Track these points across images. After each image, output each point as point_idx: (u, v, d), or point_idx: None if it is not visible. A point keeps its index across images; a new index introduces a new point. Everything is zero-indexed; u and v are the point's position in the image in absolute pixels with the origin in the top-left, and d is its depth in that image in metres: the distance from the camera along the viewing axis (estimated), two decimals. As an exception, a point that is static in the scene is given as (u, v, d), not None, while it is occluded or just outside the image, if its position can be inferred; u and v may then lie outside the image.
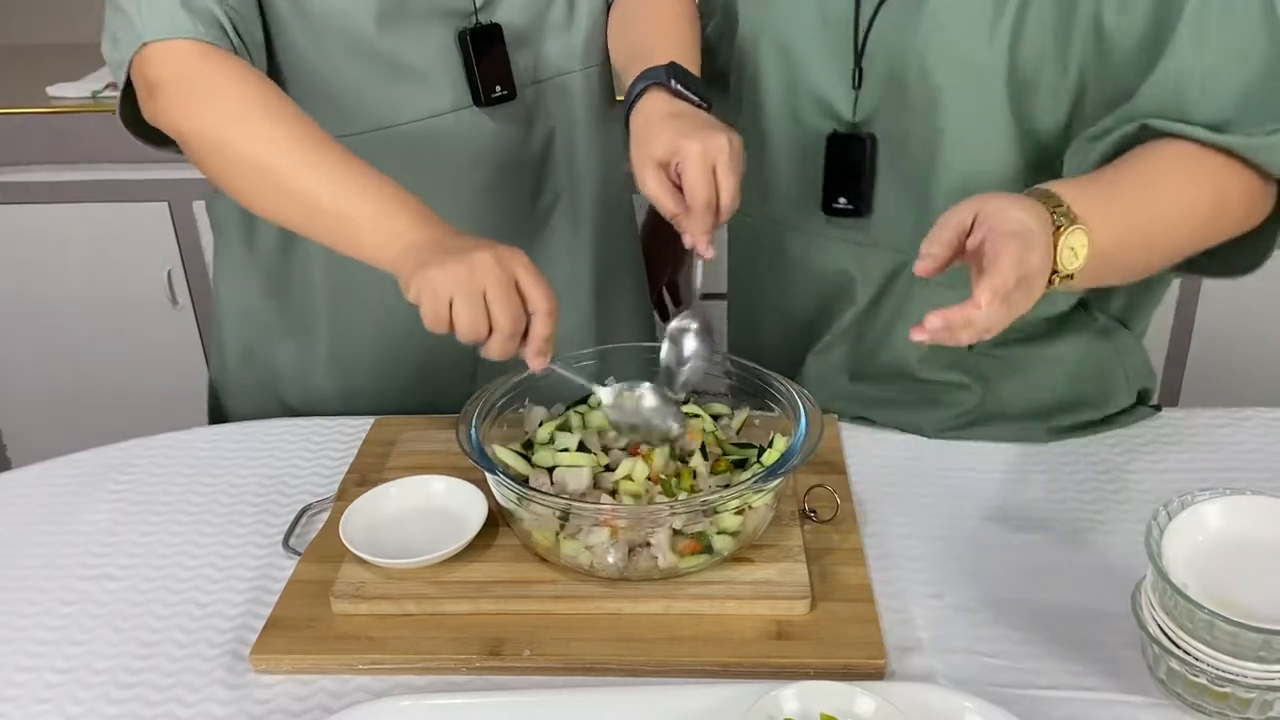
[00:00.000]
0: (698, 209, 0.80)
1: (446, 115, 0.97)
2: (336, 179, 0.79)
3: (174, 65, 0.82)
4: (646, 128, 0.83)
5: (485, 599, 0.74)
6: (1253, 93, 0.77)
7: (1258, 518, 0.67)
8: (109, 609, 0.78)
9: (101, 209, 1.89)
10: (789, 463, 0.74)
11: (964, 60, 0.84)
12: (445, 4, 0.93)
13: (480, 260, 0.72)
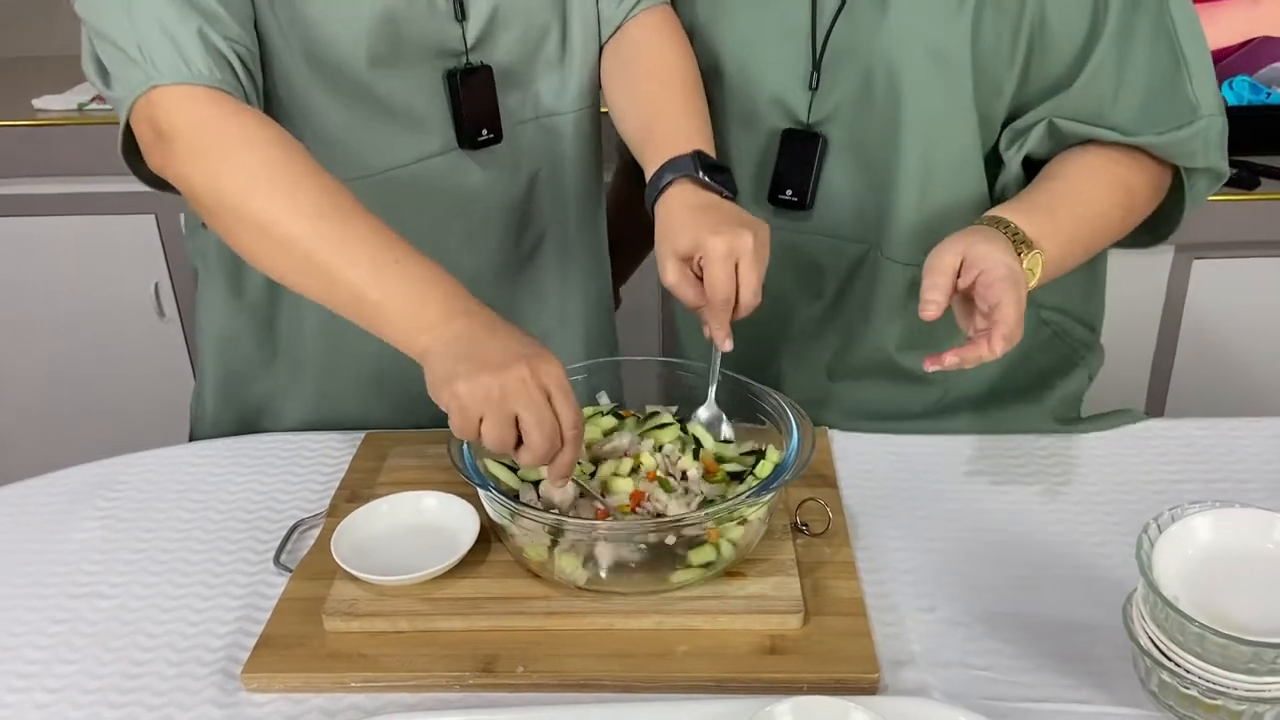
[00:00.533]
0: (717, 305, 0.81)
1: (435, 159, 0.95)
2: (364, 256, 0.74)
3: (186, 114, 0.77)
4: (671, 219, 0.84)
5: (478, 615, 0.74)
6: (1154, 101, 0.89)
7: (1247, 530, 0.67)
8: (99, 628, 0.78)
9: (88, 221, 1.89)
10: (781, 477, 0.74)
11: (932, 51, 0.90)
12: (437, 44, 0.92)
13: (513, 381, 0.70)
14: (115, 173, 1.90)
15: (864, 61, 0.92)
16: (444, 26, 0.92)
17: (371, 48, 0.88)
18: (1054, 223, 0.85)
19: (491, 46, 0.95)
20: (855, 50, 0.93)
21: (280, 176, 0.76)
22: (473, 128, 0.94)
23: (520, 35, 0.96)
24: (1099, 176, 0.90)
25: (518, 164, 1.00)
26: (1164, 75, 0.89)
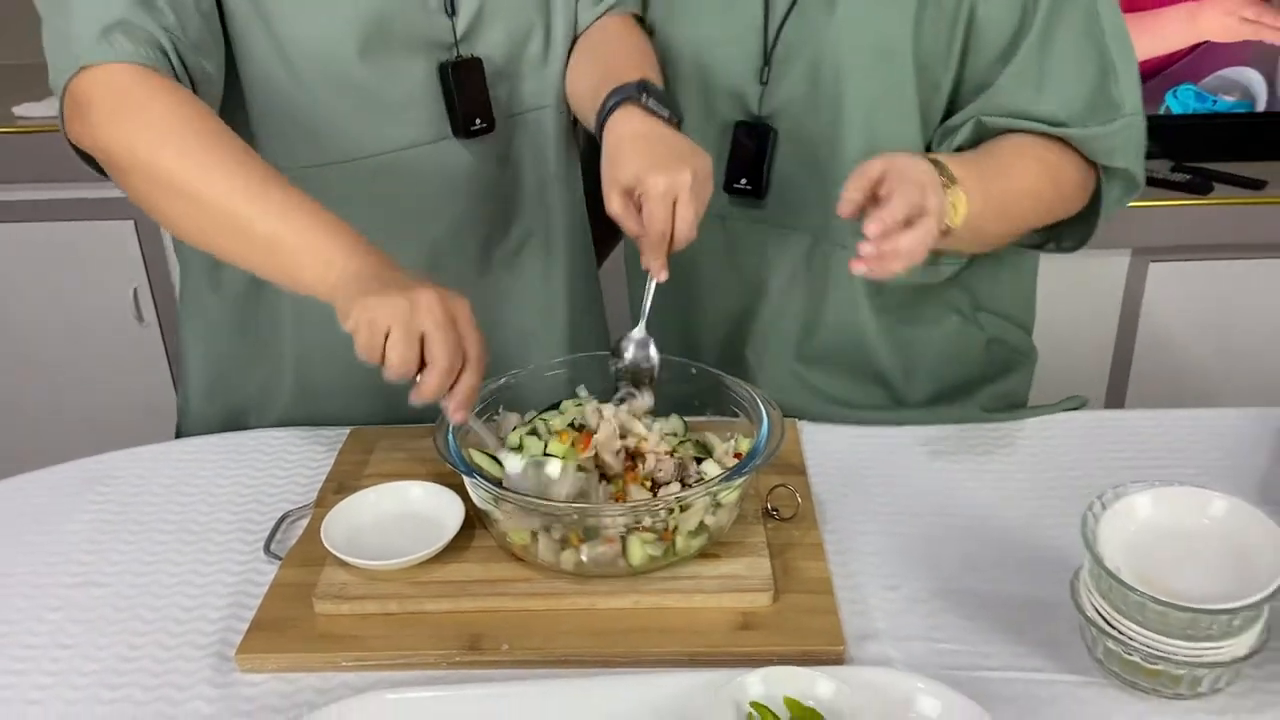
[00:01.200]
0: (654, 238, 0.85)
1: (425, 146, 0.99)
2: (269, 204, 0.78)
3: (107, 86, 0.80)
4: (618, 149, 0.88)
5: (464, 597, 0.78)
6: (1079, 99, 0.94)
7: (1185, 507, 0.72)
8: (95, 614, 0.81)
9: (67, 227, 1.91)
10: (753, 461, 0.78)
11: (877, 48, 0.96)
12: (427, 36, 0.96)
13: (424, 298, 0.73)
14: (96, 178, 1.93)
15: (812, 57, 0.98)
16: (434, 20, 0.96)
17: (362, 41, 0.92)
18: (982, 181, 0.88)
19: (479, 40, 0.99)
20: (805, 46, 0.98)
21: (191, 136, 0.79)
22: (467, 117, 0.98)
23: (506, 31, 1.00)
24: (1028, 155, 0.94)
25: (505, 154, 1.04)
26: (1089, 75, 0.94)
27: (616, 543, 0.77)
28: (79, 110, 0.81)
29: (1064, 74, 0.93)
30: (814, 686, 0.68)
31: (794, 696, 0.68)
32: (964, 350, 1.07)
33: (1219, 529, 0.71)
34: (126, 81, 0.80)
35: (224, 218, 0.78)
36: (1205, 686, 0.69)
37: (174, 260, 1.92)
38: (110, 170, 0.83)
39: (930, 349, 1.06)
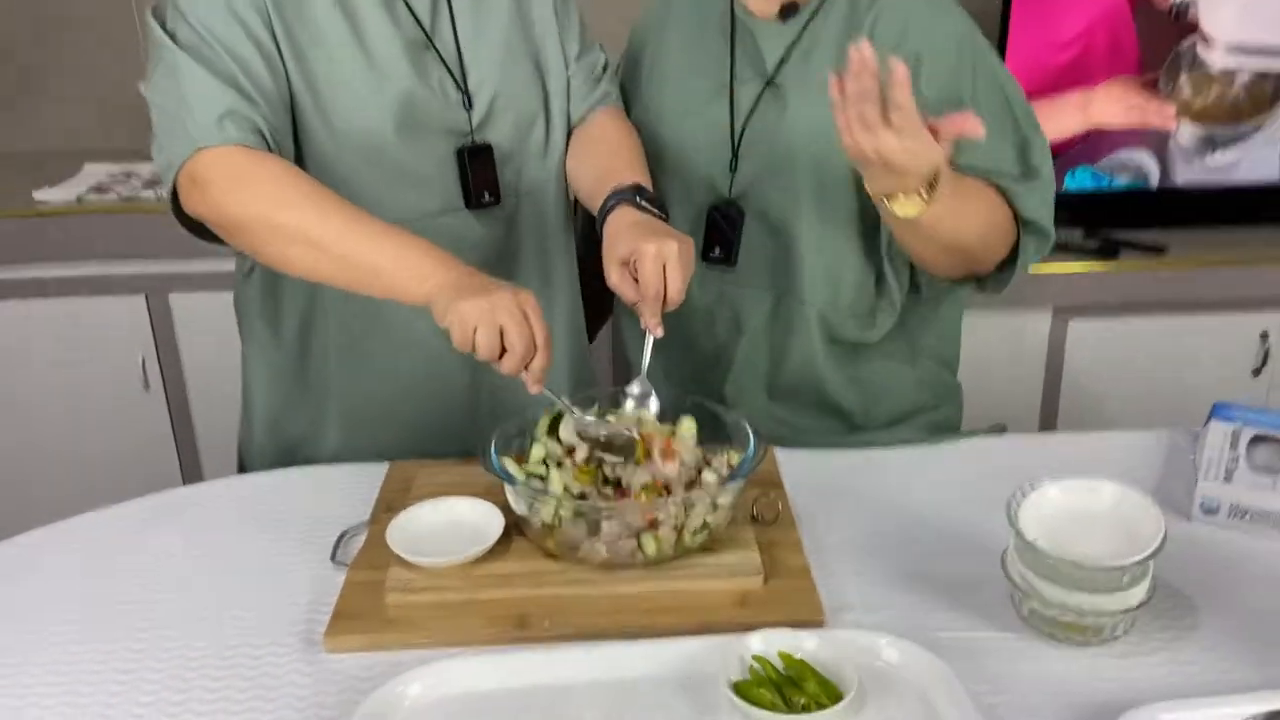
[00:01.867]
0: (649, 298, 1.04)
1: (441, 216, 1.17)
2: (369, 238, 0.99)
3: (222, 164, 1.00)
4: (616, 234, 1.08)
5: (509, 587, 0.94)
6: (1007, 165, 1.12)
7: (1085, 494, 0.91)
8: (192, 617, 0.95)
9: (82, 302, 2.04)
10: (746, 467, 0.96)
11: (823, 136, 1.13)
12: (449, 124, 1.16)
13: (499, 298, 0.93)
14: (111, 256, 2.09)
15: (770, 149, 1.20)
16: (455, 112, 1.16)
17: (396, 125, 1.12)
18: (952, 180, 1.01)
19: (491, 129, 1.18)
20: (763, 141, 1.20)
21: (298, 194, 1.00)
22: (478, 192, 1.17)
23: (514, 122, 1.20)
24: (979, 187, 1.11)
25: (511, 224, 1.22)
26: (1010, 145, 1.14)
27: (634, 539, 0.94)
28: (197, 186, 1.00)
29: (989, 144, 1.10)
30: (802, 643, 0.85)
31: (786, 651, 0.85)
32: (904, 386, 1.27)
33: (1111, 510, 0.90)
34: (238, 159, 1.00)
35: (335, 254, 0.98)
36: (1107, 634, 0.87)
37: (181, 332, 2.09)
38: (226, 232, 1.02)
39: (877, 386, 1.26)
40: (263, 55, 1.05)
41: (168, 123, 1.03)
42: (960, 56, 1.15)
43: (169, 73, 1.03)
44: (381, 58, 1.11)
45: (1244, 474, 1.05)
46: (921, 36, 1.15)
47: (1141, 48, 2.05)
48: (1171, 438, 1.21)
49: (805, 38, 1.19)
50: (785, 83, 1.19)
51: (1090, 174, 2.13)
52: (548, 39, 1.22)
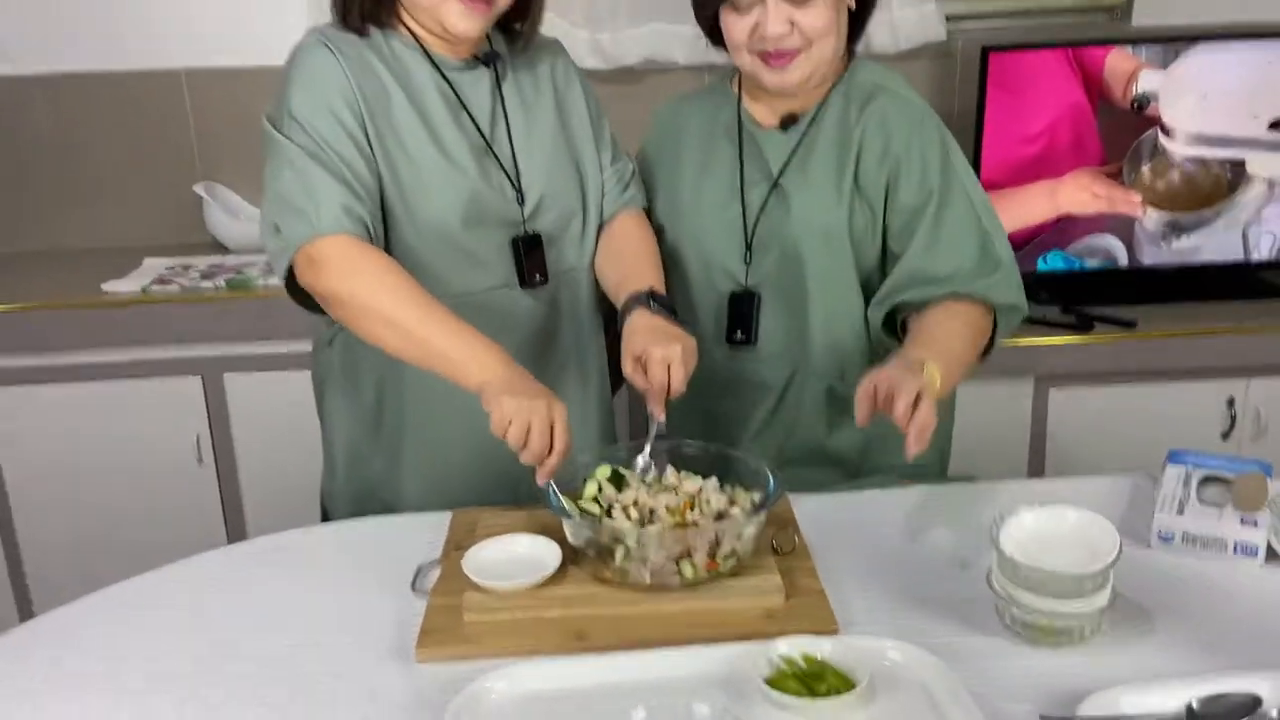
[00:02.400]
0: (656, 391, 1.24)
1: (498, 291, 1.38)
2: (448, 329, 1.20)
3: (337, 250, 1.21)
4: (631, 334, 1.28)
5: (570, 607, 1.10)
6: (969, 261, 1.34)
7: (1055, 519, 1.08)
8: (297, 639, 1.11)
9: (143, 383, 2.22)
10: (770, 500, 1.14)
11: (822, 233, 1.37)
12: (505, 216, 1.36)
13: (537, 404, 1.13)
14: (170, 341, 2.29)
15: (779, 243, 1.40)
16: (510, 207, 1.37)
17: (463, 216, 1.32)
18: (938, 354, 1.23)
19: (539, 221, 1.39)
20: (773, 236, 1.41)
21: (394, 285, 1.21)
22: (530, 274, 1.37)
23: (557, 215, 1.41)
24: (952, 318, 1.32)
25: (554, 301, 1.42)
26: (973, 241, 1.35)
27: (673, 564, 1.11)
28: (314, 266, 1.21)
29: (954, 241, 1.35)
30: (821, 646, 1.01)
31: (808, 652, 1.01)
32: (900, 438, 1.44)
33: (1076, 531, 1.07)
34: (350, 248, 1.21)
35: (415, 338, 1.19)
36: (1076, 636, 1.04)
37: (234, 410, 2.27)
38: (330, 306, 1.22)
39: (877, 439, 1.43)
40: (363, 157, 1.26)
41: (289, 211, 1.23)
42: (934, 166, 1.36)
43: (291, 170, 1.23)
44: (453, 161, 1.32)
45: (1194, 507, 1.22)
46: (902, 147, 1.37)
47: (1104, 139, 2.27)
48: (1135, 481, 1.38)
49: (803, 145, 1.41)
50: (788, 184, 1.40)
51: (1061, 257, 2.34)
52: (585, 148, 1.44)
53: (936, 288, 1.33)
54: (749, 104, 1.47)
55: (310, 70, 1.28)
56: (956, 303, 1.33)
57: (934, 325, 1.31)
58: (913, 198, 1.36)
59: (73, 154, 2.54)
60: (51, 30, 2.46)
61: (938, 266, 1.33)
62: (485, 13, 1.30)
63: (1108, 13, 2.52)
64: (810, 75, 1.38)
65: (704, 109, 1.52)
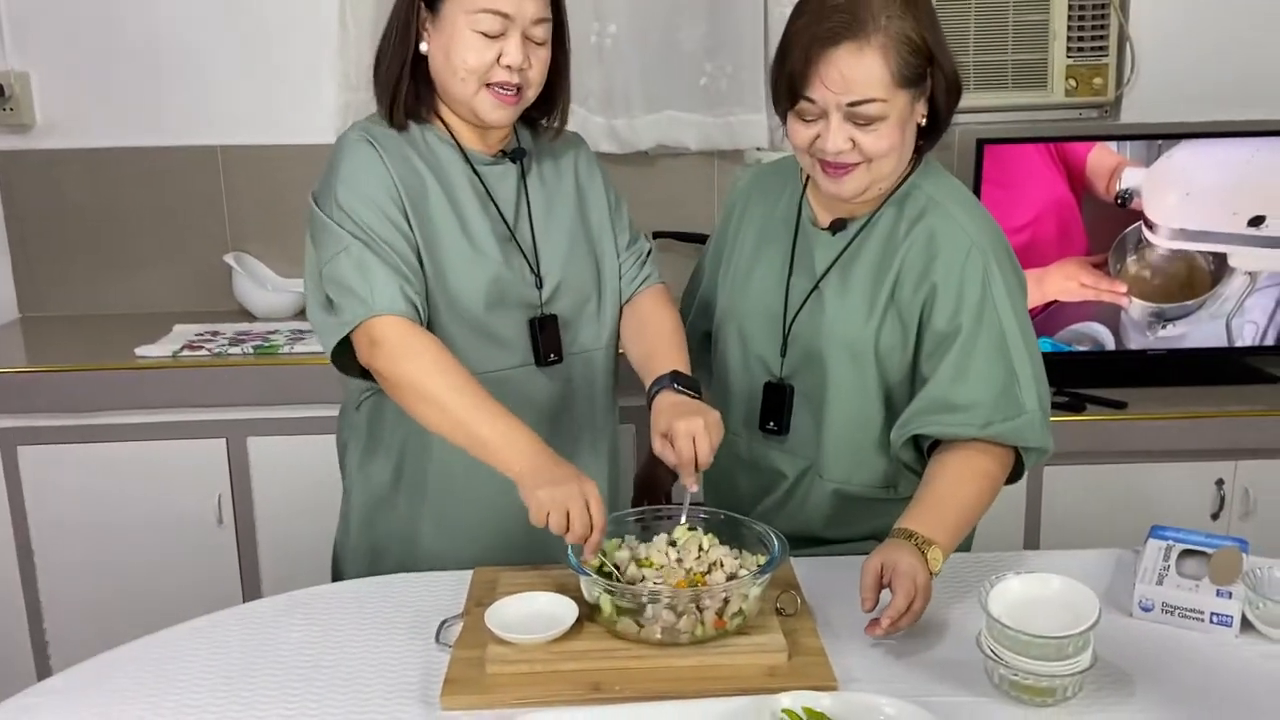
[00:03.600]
0: (684, 464, 1.32)
1: (516, 369, 1.46)
2: (489, 417, 1.28)
3: (394, 331, 1.31)
4: (658, 413, 1.36)
5: (586, 660, 1.17)
6: (992, 400, 1.32)
7: (1038, 586, 1.16)
8: (327, 686, 1.18)
9: (171, 444, 2.30)
10: (773, 564, 1.21)
11: (847, 343, 1.41)
12: (525, 299, 1.46)
13: (570, 490, 1.22)
14: (198, 405, 2.38)
15: (809, 343, 1.44)
16: (529, 290, 1.47)
17: (486, 299, 1.42)
18: (942, 520, 1.26)
19: (556, 304, 1.49)
20: (805, 335, 1.45)
21: (443, 369, 1.30)
22: (546, 354, 1.47)
23: (573, 299, 1.50)
24: (964, 473, 1.31)
25: (569, 380, 1.51)
26: (998, 378, 1.32)
27: (685, 619, 1.18)
28: (372, 344, 1.31)
29: (979, 375, 1.33)
30: (821, 701, 1.08)
31: (809, 706, 1.08)
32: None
33: (1059, 596, 1.15)
34: (406, 329, 1.31)
35: (456, 420, 1.29)
36: (1059, 695, 1.11)
37: (256, 473, 2.35)
38: (385, 383, 1.31)
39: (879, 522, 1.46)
40: (410, 245, 1.37)
41: (345, 293, 1.33)
42: (971, 299, 1.34)
43: (346, 255, 1.33)
44: (479, 248, 1.43)
45: (1173, 579, 1.30)
46: (942, 274, 1.36)
47: (1088, 231, 2.38)
48: (1119, 555, 1.46)
49: (848, 252, 1.42)
50: (827, 289, 1.43)
51: (1050, 344, 2.43)
52: (603, 236, 1.55)
53: (953, 418, 1.32)
54: (811, 195, 1.48)
55: (355, 165, 1.39)
56: (975, 451, 1.33)
57: (947, 480, 1.31)
58: (944, 325, 1.35)
59: (110, 224, 2.66)
60: (94, 106, 2.61)
61: (959, 397, 1.33)
62: (515, 103, 1.41)
63: (1097, 110, 2.65)
64: (868, 188, 1.37)
65: (771, 186, 1.54)
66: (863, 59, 1.28)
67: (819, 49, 1.29)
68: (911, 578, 1.20)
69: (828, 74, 1.29)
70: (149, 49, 2.58)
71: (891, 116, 1.31)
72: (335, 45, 2.55)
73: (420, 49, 1.41)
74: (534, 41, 1.40)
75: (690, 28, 2.58)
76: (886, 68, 1.29)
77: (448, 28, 1.38)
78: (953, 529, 1.28)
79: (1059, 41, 2.58)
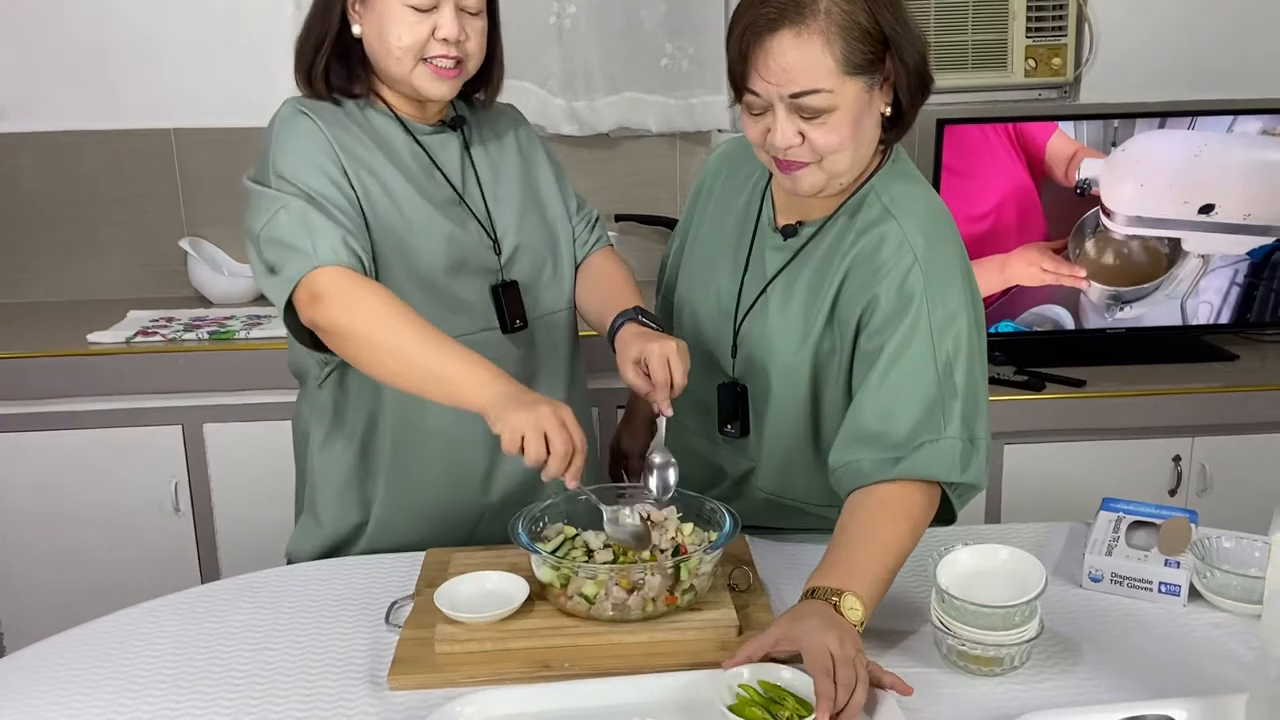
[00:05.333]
0: (660, 385, 1.29)
1: (479, 334, 1.44)
2: (445, 353, 1.23)
3: (337, 281, 1.26)
4: (626, 342, 1.34)
5: (535, 638, 1.16)
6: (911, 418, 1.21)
7: (987, 555, 1.17)
8: (275, 669, 1.16)
9: (124, 432, 2.27)
10: (724, 539, 1.21)
11: (781, 358, 1.35)
12: (485, 265, 1.45)
13: (543, 411, 1.17)
14: (154, 391, 2.34)
15: (756, 347, 1.38)
16: (488, 254, 1.46)
17: (447, 265, 1.41)
18: (857, 569, 1.13)
19: (514, 269, 1.48)
20: (750, 339, 1.39)
21: (392, 313, 1.25)
22: (511, 320, 1.46)
23: (531, 262, 1.50)
24: (883, 515, 1.18)
25: (532, 343, 1.50)
26: (919, 408, 1.21)
27: (635, 595, 1.17)
28: (315, 299, 1.26)
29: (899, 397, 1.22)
30: (779, 673, 1.07)
31: (766, 679, 1.06)
32: None
33: (1005, 567, 1.15)
34: (349, 280, 1.27)
35: (414, 364, 1.23)
36: (1008, 664, 1.11)
37: (212, 459, 2.32)
38: (332, 338, 1.27)
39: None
40: (352, 205, 1.34)
41: (286, 251, 1.28)
42: (900, 320, 1.24)
43: (286, 213, 1.29)
44: (434, 211, 1.41)
45: (1123, 549, 1.31)
46: (884, 286, 1.26)
47: (1047, 216, 2.40)
48: (1071, 528, 1.47)
49: (795, 262, 1.35)
50: (772, 295, 1.36)
51: (1012, 327, 2.45)
52: (552, 200, 1.55)
53: (867, 453, 1.23)
54: (774, 188, 1.41)
55: (292, 133, 1.37)
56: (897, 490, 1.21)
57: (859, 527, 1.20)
58: (868, 343, 1.27)
59: (62, 209, 2.61)
60: (46, 90, 2.56)
61: (873, 424, 1.23)
62: (455, 76, 1.40)
63: (1056, 90, 2.66)
64: (825, 185, 1.28)
65: (740, 171, 1.47)
66: (803, 46, 1.18)
67: (756, 37, 1.20)
68: (825, 663, 1.02)
69: (766, 65, 1.20)
70: (100, 30, 2.54)
71: (841, 108, 1.21)
72: (290, 25, 2.51)
73: (353, 31, 1.40)
74: (467, 12, 1.38)
75: (650, 8, 2.57)
76: (830, 54, 1.19)
77: (378, 4, 1.36)
78: (866, 573, 1.13)
79: (1018, 22, 2.59)
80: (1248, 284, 2.48)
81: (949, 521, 1.30)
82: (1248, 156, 2.38)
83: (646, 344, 1.31)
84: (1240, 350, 2.51)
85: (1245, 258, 2.46)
